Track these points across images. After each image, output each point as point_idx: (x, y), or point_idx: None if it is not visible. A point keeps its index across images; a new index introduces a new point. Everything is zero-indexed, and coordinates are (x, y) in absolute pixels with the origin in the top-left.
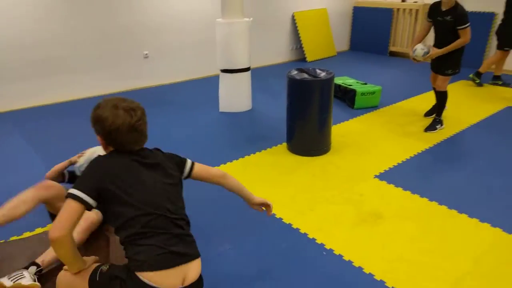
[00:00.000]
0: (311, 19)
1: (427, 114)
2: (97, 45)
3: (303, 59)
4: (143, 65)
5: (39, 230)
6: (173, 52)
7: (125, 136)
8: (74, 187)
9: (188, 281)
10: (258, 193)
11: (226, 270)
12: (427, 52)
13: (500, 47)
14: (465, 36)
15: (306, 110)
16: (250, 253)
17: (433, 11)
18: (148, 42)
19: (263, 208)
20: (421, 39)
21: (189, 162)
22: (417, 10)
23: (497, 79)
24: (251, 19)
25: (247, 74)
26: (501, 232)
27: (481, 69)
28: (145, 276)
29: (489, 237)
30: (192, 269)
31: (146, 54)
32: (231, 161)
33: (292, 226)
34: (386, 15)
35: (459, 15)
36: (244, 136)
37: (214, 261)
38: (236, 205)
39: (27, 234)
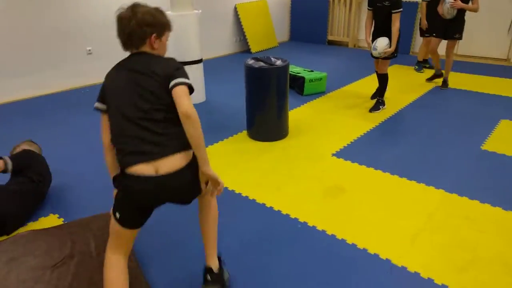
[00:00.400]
0: (253, 11)
1: (373, 96)
2: (36, 44)
3: (247, 51)
4: (87, 62)
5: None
6: (118, 47)
7: (119, 35)
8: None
9: (161, 172)
10: (226, 179)
11: None
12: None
13: (421, 34)
14: (397, 20)
15: (265, 97)
16: (230, 233)
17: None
18: (91, 38)
19: (206, 186)
20: (370, 28)
21: (173, 82)
22: (351, 1)
23: (424, 63)
24: (200, 11)
25: (200, 66)
26: (444, 193)
27: (419, 58)
28: (128, 170)
29: (436, 197)
30: (164, 164)
31: (90, 50)
32: None
33: (265, 205)
34: (322, 5)
35: (395, 1)
36: (203, 127)
37: (196, 244)
38: None
39: None
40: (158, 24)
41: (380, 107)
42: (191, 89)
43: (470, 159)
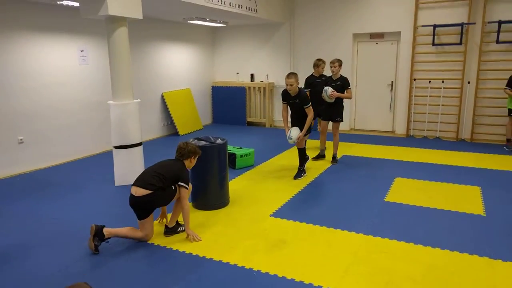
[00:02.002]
0: (179, 98)
1: (314, 158)
2: None
3: (175, 133)
4: (19, 151)
5: None
6: (50, 136)
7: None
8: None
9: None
10: (184, 245)
11: None
12: (294, 140)
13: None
14: (310, 112)
15: (209, 171)
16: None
17: (285, 96)
18: (22, 127)
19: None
20: (287, 118)
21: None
22: (264, 88)
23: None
24: (139, 100)
25: (139, 149)
26: (363, 235)
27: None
28: None
29: (357, 240)
30: (139, 191)
31: (21, 139)
32: None
33: (222, 261)
34: (240, 92)
35: (304, 98)
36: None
37: None
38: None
39: None
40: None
41: (302, 174)
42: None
43: (378, 208)
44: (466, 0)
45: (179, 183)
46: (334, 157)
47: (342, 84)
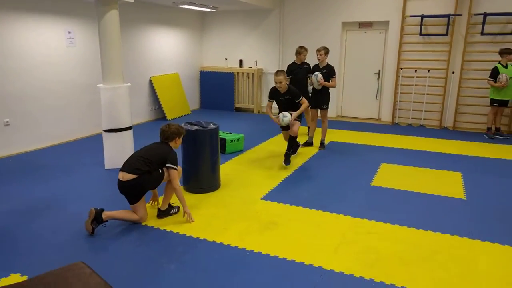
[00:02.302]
0: (167, 82)
1: (303, 145)
2: None
3: (163, 118)
4: (5, 133)
5: None
6: (36, 118)
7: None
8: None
9: (123, 179)
10: (177, 227)
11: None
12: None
13: None
14: (305, 102)
15: (201, 155)
16: (193, 268)
17: (274, 94)
18: (9, 109)
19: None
20: (270, 111)
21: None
22: (253, 74)
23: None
24: (129, 84)
25: (130, 132)
26: (351, 218)
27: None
28: None
29: (345, 221)
30: (125, 176)
31: (7, 121)
32: None
33: (216, 241)
34: (229, 77)
35: (295, 93)
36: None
37: (163, 277)
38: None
39: None
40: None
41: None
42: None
43: (364, 192)
44: None
45: (167, 165)
46: (322, 143)
47: (328, 72)
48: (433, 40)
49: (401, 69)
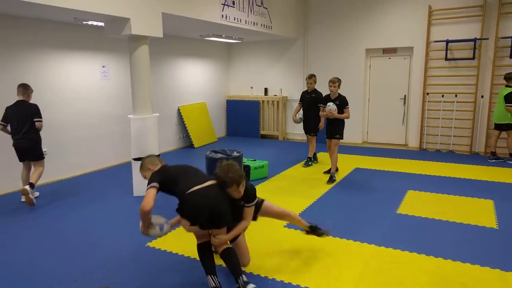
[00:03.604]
0: (194, 111)
1: (326, 172)
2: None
3: (190, 146)
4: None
5: None
6: (71, 147)
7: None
8: None
9: None
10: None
11: None
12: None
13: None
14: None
15: None
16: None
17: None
18: (47, 139)
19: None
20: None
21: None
22: (278, 101)
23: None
24: (158, 114)
25: None
26: (375, 246)
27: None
28: None
29: (369, 250)
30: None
31: (45, 151)
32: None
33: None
34: (254, 105)
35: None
36: (168, 213)
37: None
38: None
39: None
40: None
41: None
42: None
43: (390, 220)
44: (479, 16)
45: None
46: (331, 177)
47: (340, 104)
48: (459, 64)
49: (427, 94)
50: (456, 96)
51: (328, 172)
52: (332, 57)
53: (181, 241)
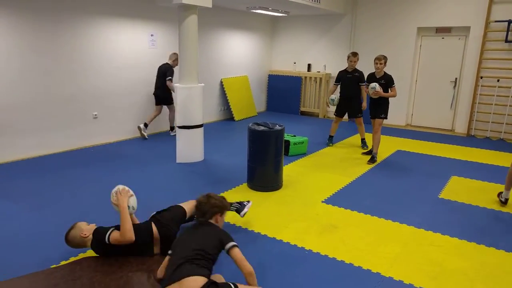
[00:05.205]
0: (236, 84)
1: (366, 153)
2: (49, 108)
3: (231, 119)
4: (93, 125)
5: None
6: (120, 113)
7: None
8: None
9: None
10: (240, 221)
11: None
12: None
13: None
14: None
15: (266, 154)
16: (251, 261)
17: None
18: (98, 104)
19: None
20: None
21: (229, 245)
22: (320, 78)
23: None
24: (203, 84)
25: (201, 130)
26: (414, 228)
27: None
28: None
29: (408, 231)
30: (185, 283)
31: (95, 115)
32: None
33: (276, 238)
34: (296, 81)
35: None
36: (207, 181)
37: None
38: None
39: None
40: (223, 207)
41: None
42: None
43: (431, 204)
44: None
45: (228, 245)
46: (373, 157)
47: (386, 83)
48: None
49: (481, 78)
50: None
51: (367, 153)
52: (381, 34)
53: None
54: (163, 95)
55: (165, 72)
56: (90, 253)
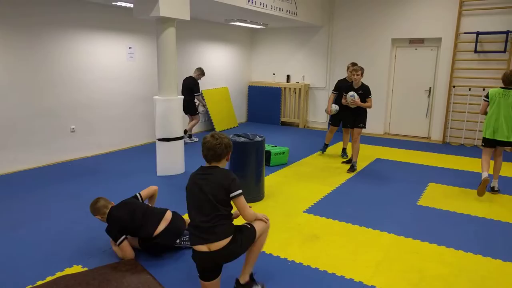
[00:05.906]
0: (216, 96)
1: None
2: (25, 122)
3: (212, 130)
4: (70, 139)
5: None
6: (98, 126)
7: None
8: None
9: (212, 249)
10: None
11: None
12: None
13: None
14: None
15: (247, 165)
16: (233, 271)
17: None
18: (75, 117)
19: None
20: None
21: (235, 193)
22: (299, 89)
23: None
24: (182, 96)
25: (181, 142)
26: (394, 236)
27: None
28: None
29: (388, 239)
30: (214, 245)
31: (73, 128)
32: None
33: None
34: (276, 92)
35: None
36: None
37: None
38: None
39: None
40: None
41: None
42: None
43: (410, 211)
44: None
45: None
46: (352, 166)
47: (364, 93)
48: (489, 57)
49: (454, 87)
50: (484, 90)
51: (347, 162)
52: (357, 45)
53: None
54: (188, 106)
55: (191, 88)
56: (67, 271)
